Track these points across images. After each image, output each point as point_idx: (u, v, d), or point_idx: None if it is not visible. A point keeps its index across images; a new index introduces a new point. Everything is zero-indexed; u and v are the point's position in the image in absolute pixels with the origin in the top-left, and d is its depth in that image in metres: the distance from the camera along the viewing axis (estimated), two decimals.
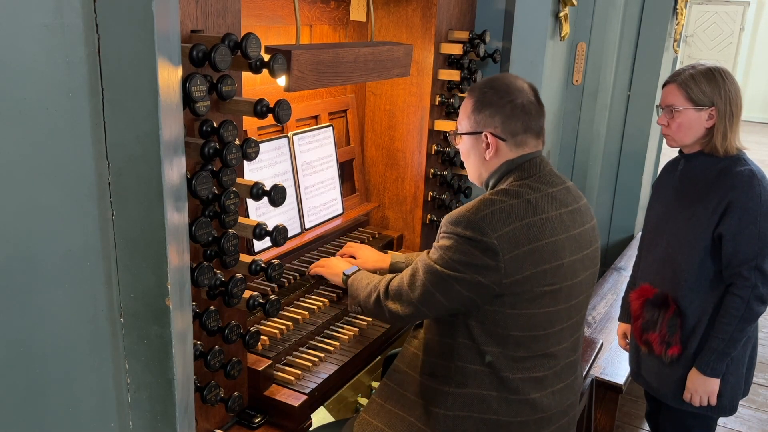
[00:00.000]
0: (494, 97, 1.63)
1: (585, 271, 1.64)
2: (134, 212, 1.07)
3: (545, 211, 1.56)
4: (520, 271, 1.50)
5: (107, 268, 1.10)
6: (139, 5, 0.96)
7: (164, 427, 1.17)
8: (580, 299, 1.65)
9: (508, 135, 1.63)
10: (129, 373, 1.15)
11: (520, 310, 1.53)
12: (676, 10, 4.04)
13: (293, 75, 1.59)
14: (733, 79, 2.01)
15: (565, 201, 1.62)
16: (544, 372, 1.61)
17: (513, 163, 1.64)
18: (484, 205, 1.54)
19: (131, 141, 1.03)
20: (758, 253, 1.92)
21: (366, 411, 1.76)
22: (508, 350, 1.56)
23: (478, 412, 1.60)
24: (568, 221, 1.59)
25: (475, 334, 1.57)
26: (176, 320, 1.11)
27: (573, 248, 1.58)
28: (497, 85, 1.65)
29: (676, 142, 2.08)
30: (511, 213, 1.52)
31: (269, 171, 2.01)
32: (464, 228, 1.52)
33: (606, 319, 3.22)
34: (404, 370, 1.75)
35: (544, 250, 1.52)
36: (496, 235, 1.49)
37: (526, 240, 1.51)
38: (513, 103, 1.62)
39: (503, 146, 1.64)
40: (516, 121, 1.62)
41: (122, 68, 1.01)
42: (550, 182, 1.63)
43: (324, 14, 2.20)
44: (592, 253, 1.66)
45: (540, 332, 1.57)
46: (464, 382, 1.60)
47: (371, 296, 1.73)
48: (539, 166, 1.64)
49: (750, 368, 2.15)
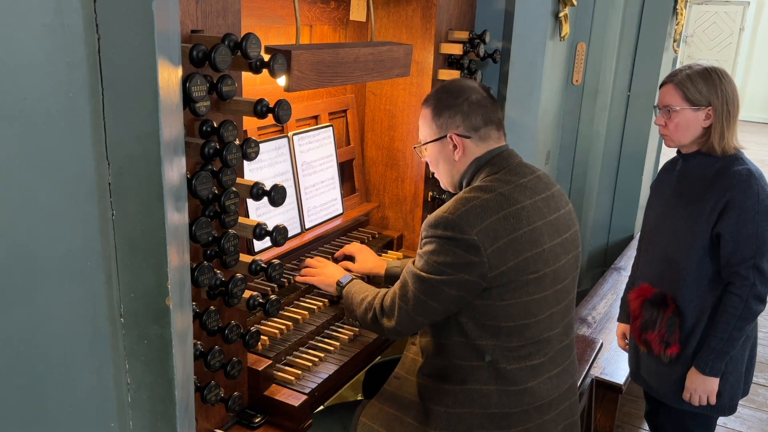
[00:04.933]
0: (450, 99, 1.70)
1: (567, 255, 1.66)
2: (134, 212, 1.07)
3: (519, 201, 1.59)
4: (503, 262, 1.53)
5: (107, 268, 1.10)
6: (139, 5, 0.96)
7: (164, 427, 1.17)
8: (566, 283, 1.68)
9: (471, 131, 1.68)
10: (129, 373, 1.15)
11: (509, 300, 1.56)
12: (676, 10, 4.04)
13: (293, 75, 1.59)
14: (729, 79, 2.02)
15: (537, 189, 1.65)
16: (539, 359, 1.64)
17: (481, 160, 1.69)
18: (460, 203, 1.57)
19: (131, 141, 1.03)
20: (756, 252, 1.93)
21: (365, 415, 1.77)
22: (501, 341, 1.59)
23: (479, 407, 1.61)
24: (543, 208, 1.63)
25: (469, 330, 1.59)
26: (176, 320, 1.11)
27: (551, 233, 1.62)
28: (450, 88, 1.74)
29: (674, 142, 2.09)
30: (487, 207, 1.56)
31: (269, 171, 2.01)
32: (444, 229, 1.55)
33: (606, 319, 3.22)
34: (404, 376, 1.77)
35: (524, 239, 1.56)
36: (476, 231, 1.52)
37: (505, 231, 1.54)
38: (469, 101, 1.68)
39: (469, 144, 1.69)
40: (475, 116, 1.68)
41: (122, 68, 1.01)
42: (521, 173, 1.66)
43: (324, 14, 2.20)
44: (571, 236, 1.69)
45: (530, 320, 1.59)
46: (464, 379, 1.62)
47: (368, 314, 1.73)
48: (507, 159, 1.68)
49: (749, 367, 2.15)
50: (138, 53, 0.99)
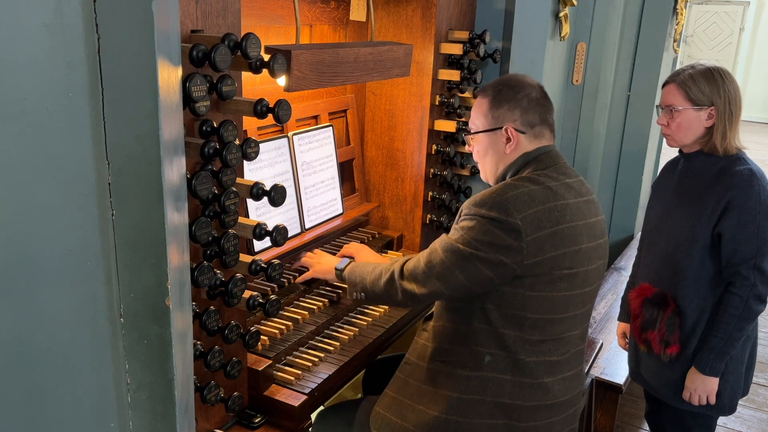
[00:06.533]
0: (510, 93, 1.70)
1: (598, 260, 1.68)
2: (134, 212, 1.07)
3: (565, 197, 1.61)
4: (541, 252, 1.54)
5: (107, 268, 1.10)
6: (139, 5, 0.96)
7: (164, 427, 1.17)
8: (592, 288, 1.69)
9: (527, 127, 1.69)
10: (129, 373, 1.15)
11: (539, 292, 1.57)
12: (676, 10, 4.04)
13: (293, 75, 1.59)
14: (732, 79, 2.02)
15: (581, 192, 1.68)
16: (557, 357, 1.65)
17: (530, 155, 1.70)
18: (508, 188, 1.59)
19: (131, 141, 1.03)
20: (757, 252, 1.93)
21: (379, 405, 1.77)
22: (524, 333, 1.60)
23: (492, 396, 1.62)
24: (584, 210, 1.65)
25: (492, 318, 1.60)
26: (176, 320, 1.11)
27: (589, 236, 1.64)
28: (511, 82, 1.73)
29: (676, 142, 2.09)
30: (534, 197, 1.57)
31: (269, 171, 2.01)
32: (489, 209, 1.56)
33: (606, 319, 3.22)
34: (414, 362, 1.76)
35: (565, 234, 1.57)
36: (521, 216, 1.53)
37: (548, 223, 1.55)
38: (529, 97, 1.69)
39: (523, 139, 1.69)
40: (533, 113, 1.69)
41: (122, 68, 1.01)
42: (566, 173, 1.69)
43: (324, 14, 2.20)
44: (603, 244, 1.71)
45: (556, 315, 1.61)
46: (479, 365, 1.63)
47: (381, 278, 1.73)
48: (555, 158, 1.70)
49: (749, 367, 2.15)
50: (138, 53, 0.99)
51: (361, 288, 1.80)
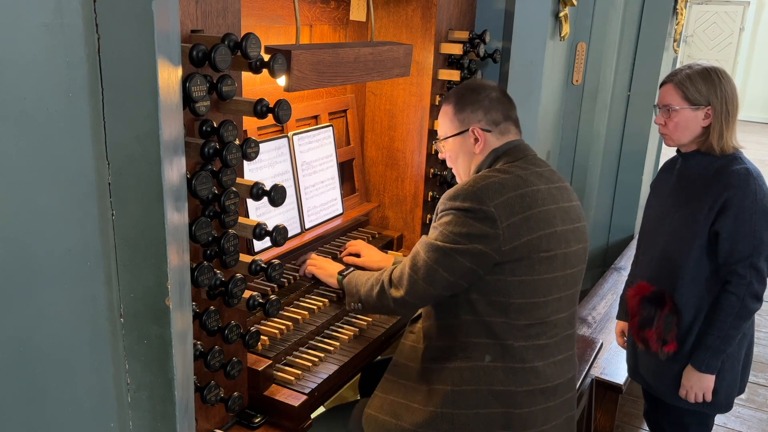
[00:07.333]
0: (472, 96, 1.78)
1: (577, 243, 1.71)
2: (134, 212, 1.07)
3: (535, 184, 1.67)
4: (517, 237, 1.58)
5: (107, 268, 1.10)
6: (139, 5, 0.96)
7: (164, 427, 1.17)
8: (575, 271, 1.72)
9: (492, 125, 1.77)
10: (129, 373, 1.15)
11: (520, 276, 1.60)
12: (676, 10, 4.04)
13: (293, 75, 1.59)
14: (729, 79, 2.03)
15: (551, 179, 1.73)
16: (545, 340, 1.67)
17: (499, 151, 1.76)
18: (479, 179, 1.65)
19: (131, 141, 1.03)
20: (753, 251, 1.94)
21: (370, 407, 1.78)
22: (510, 318, 1.62)
23: (485, 384, 1.64)
24: (556, 194, 1.70)
25: (479, 307, 1.63)
26: (176, 320, 1.11)
27: (563, 219, 1.68)
28: (471, 86, 1.83)
29: (674, 142, 2.10)
30: (505, 184, 1.63)
31: (269, 171, 2.01)
32: (462, 200, 1.61)
33: (606, 319, 3.22)
34: (403, 363, 1.78)
35: (538, 217, 1.62)
36: (494, 203, 1.58)
37: (521, 208, 1.60)
38: (490, 97, 1.78)
39: (490, 137, 1.77)
40: (496, 111, 1.77)
41: (122, 68, 1.01)
42: (536, 164, 1.75)
43: (324, 14, 2.20)
44: (581, 228, 1.75)
45: (539, 299, 1.63)
46: (469, 356, 1.65)
47: (373, 289, 1.77)
48: (524, 150, 1.77)
49: (746, 366, 2.16)
50: (138, 53, 0.99)
51: (357, 299, 1.84)
